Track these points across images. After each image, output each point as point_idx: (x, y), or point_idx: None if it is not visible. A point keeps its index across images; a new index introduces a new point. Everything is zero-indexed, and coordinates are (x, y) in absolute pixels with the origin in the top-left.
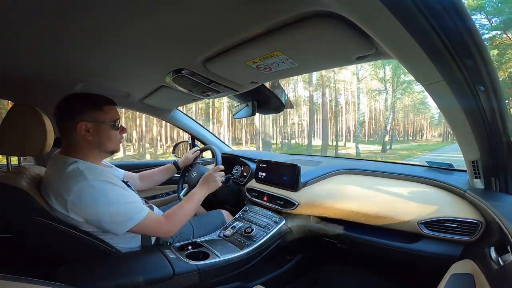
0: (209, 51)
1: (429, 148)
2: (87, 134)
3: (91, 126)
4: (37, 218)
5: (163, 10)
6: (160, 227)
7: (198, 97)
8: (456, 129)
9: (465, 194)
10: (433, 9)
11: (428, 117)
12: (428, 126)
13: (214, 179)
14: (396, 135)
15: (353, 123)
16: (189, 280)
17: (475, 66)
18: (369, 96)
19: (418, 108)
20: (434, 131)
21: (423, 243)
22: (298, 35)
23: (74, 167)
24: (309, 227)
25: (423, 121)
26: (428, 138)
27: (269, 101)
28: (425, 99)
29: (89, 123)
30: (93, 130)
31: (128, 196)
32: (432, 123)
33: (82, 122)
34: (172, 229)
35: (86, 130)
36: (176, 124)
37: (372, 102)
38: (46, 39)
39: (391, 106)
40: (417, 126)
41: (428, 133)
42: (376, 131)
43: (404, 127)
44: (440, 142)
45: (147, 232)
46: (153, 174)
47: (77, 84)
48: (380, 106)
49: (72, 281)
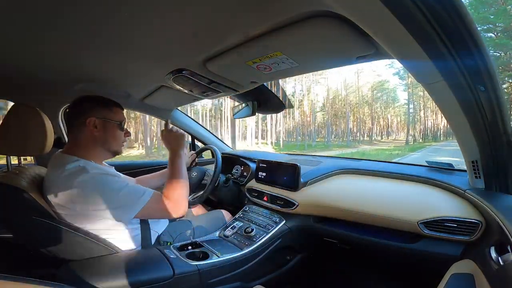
0: (209, 51)
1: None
2: (94, 130)
3: (99, 122)
4: (38, 218)
5: (163, 10)
6: (169, 206)
7: (198, 97)
8: (456, 129)
9: (465, 194)
10: (433, 8)
11: (400, 113)
12: (399, 124)
13: (170, 134)
14: (350, 134)
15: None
16: (189, 280)
17: (475, 66)
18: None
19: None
20: (411, 130)
21: (423, 243)
22: (298, 35)
23: (75, 165)
24: (309, 227)
25: (392, 117)
26: (396, 139)
27: (269, 101)
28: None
29: (97, 120)
30: (100, 126)
31: (130, 183)
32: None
33: (91, 118)
34: (182, 205)
35: (94, 126)
36: (176, 124)
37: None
38: (46, 39)
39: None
40: (385, 123)
41: (399, 133)
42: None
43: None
44: (400, 147)
45: (156, 214)
46: (150, 180)
47: (77, 84)
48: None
49: (72, 281)
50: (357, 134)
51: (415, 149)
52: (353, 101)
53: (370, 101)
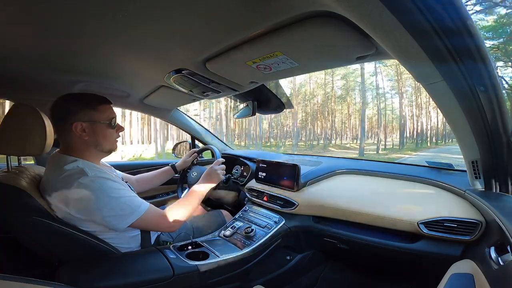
0: (209, 51)
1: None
2: (83, 134)
3: (87, 126)
4: (37, 218)
5: (164, 10)
6: (162, 221)
7: (198, 97)
8: (456, 129)
9: (465, 194)
10: (434, 8)
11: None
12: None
13: (215, 172)
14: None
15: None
16: (189, 280)
17: (475, 66)
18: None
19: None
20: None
21: (423, 243)
22: (298, 35)
23: (74, 165)
24: (309, 227)
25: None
26: (342, 143)
27: (269, 101)
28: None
29: (84, 123)
30: (89, 129)
31: (129, 191)
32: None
33: (77, 123)
34: (174, 224)
35: (82, 130)
36: (176, 124)
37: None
38: (46, 39)
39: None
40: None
41: (349, 135)
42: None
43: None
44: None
45: (149, 226)
46: (151, 178)
47: (77, 84)
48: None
49: (72, 281)
50: (332, 135)
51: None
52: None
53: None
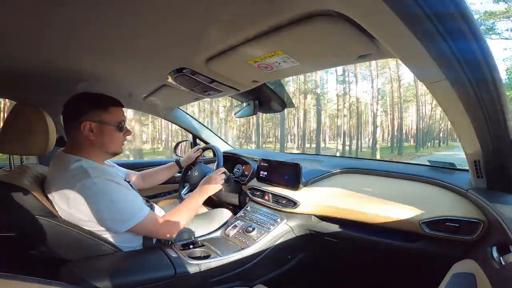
0: (210, 51)
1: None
2: (90, 134)
3: (95, 126)
4: (40, 217)
5: (165, 10)
6: (159, 228)
7: (200, 96)
8: (458, 128)
9: (467, 193)
10: (436, 7)
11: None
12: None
13: (215, 181)
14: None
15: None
16: (191, 279)
17: (478, 65)
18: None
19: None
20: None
21: (425, 242)
22: (299, 34)
23: (77, 165)
24: (310, 226)
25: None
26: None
27: (270, 100)
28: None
29: (93, 123)
30: (97, 130)
31: (130, 195)
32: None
33: (86, 122)
34: (171, 231)
35: (90, 130)
36: (177, 123)
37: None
38: (48, 38)
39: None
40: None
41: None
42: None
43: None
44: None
45: (146, 232)
46: (155, 173)
47: (79, 83)
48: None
49: (74, 280)
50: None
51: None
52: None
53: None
